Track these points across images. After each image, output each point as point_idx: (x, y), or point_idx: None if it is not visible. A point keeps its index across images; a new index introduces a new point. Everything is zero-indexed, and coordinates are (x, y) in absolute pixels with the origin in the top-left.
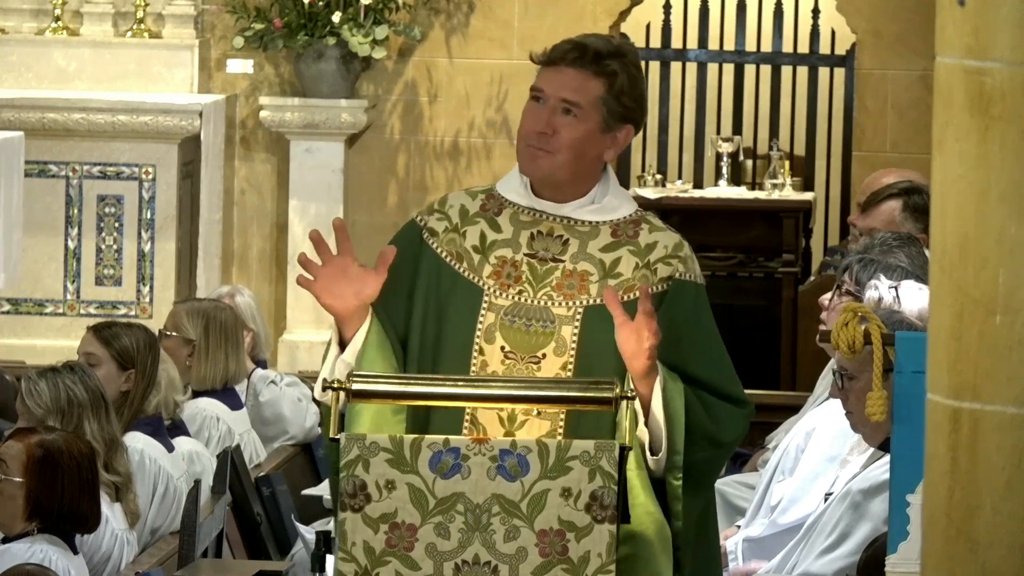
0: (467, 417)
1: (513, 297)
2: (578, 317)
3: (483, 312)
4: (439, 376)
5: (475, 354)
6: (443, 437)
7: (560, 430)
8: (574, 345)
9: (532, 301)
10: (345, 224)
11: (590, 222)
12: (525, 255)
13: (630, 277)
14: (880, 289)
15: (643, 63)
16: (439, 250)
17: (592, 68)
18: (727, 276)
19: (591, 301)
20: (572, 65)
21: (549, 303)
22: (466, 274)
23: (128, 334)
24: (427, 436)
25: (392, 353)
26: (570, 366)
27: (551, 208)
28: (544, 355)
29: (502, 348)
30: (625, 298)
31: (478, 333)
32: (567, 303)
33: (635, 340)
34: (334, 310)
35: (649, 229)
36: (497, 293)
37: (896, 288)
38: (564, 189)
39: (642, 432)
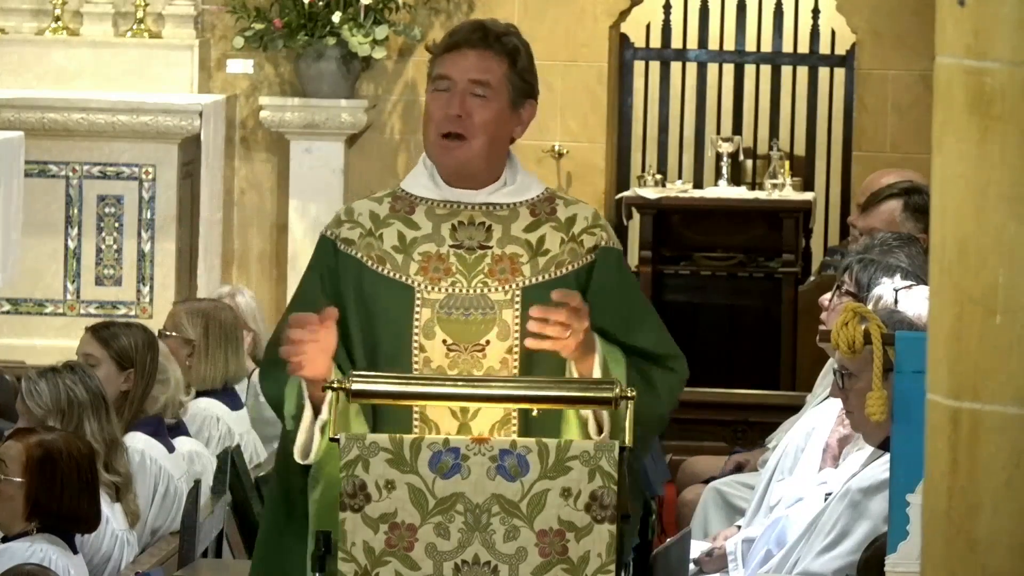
0: (416, 413)
1: (446, 289)
2: (517, 299)
3: (418, 309)
4: (438, 376)
5: (416, 351)
6: (443, 437)
7: (514, 418)
8: (517, 327)
9: (467, 290)
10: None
11: (508, 204)
12: (451, 247)
13: (559, 252)
14: (884, 287)
15: (643, 63)
16: (359, 255)
17: (495, 47)
18: (727, 276)
19: (527, 282)
20: (475, 47)
21: (485, 290)
22: (392, 275)
23: (127, 334)
24: (427, 436)
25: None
26: (515, 349)
27: (466, 196)
28: (488, 342)
29: (444, 341)
30: (557, 273)
31: (416, 330)
32: (503, 287)
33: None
34: (314, 379)
35: (564, 204)
36: (428, 288)
37: (897, 292)
38: (478, 176)
39: (585, 414)
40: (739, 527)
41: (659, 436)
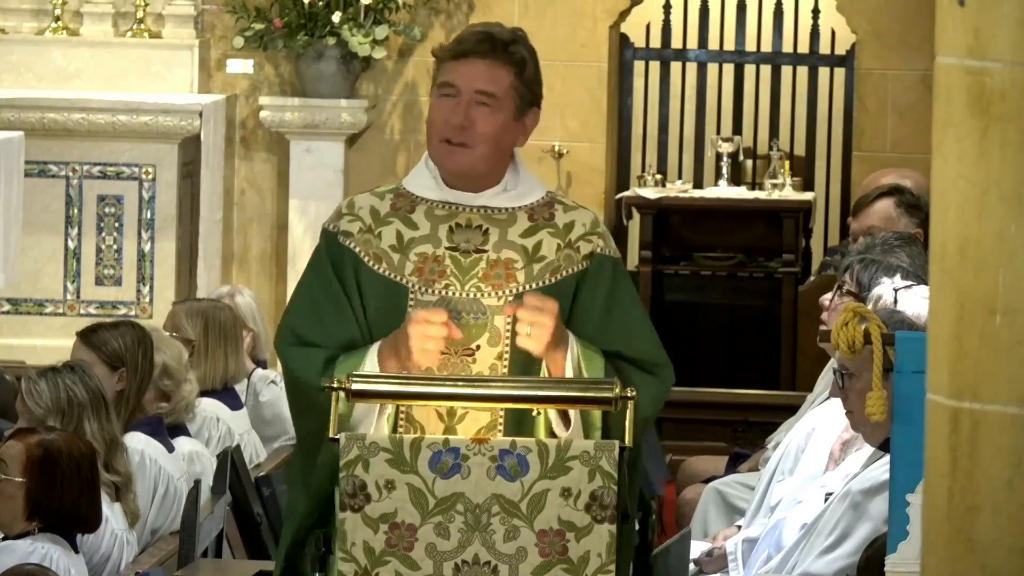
0: (401, 414)
1: (440, 292)
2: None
3: (410, 309)
4: (438, 376)
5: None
6: (443, 437)
7: (500, 422)
8: (508, 333)
9: (460, 294)
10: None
11: (506, 209)
12: (447, 249)
13: (554, 259)
14: (884, 287)
15: (643, 63)
16: (357, 249)
17: (502, 57)
18: (727, 276)
19: (520, 288)
20: (483, 56)
21: (478, 294)
22: (387, 274)
23: (115, 336)
24: (427, 436)
25: None
26: (505, 356)
27: (466, 199)
28: (478, 347)
29: None
30: (551, 280)
31: None
32: (496, 293)
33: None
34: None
35: (563, 209)
36: (422, 290)
37: (897, 291)
38: (479, 180)
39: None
40: (739, 527)
41: (658, 436)
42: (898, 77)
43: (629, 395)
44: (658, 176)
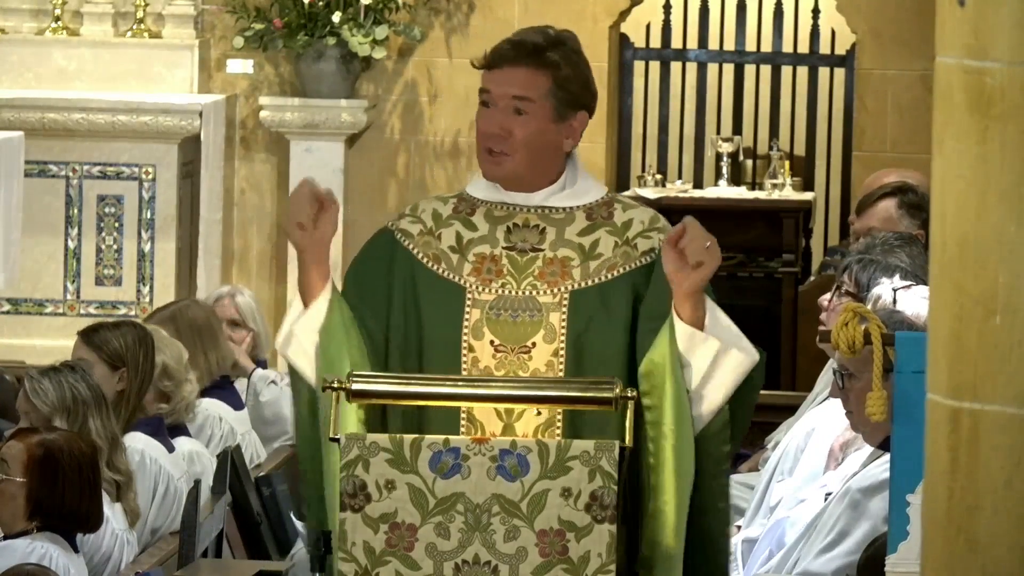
0: (463, 414)
1: (496, 291)
2: (564, 303)
3: (468, 309)
4: (438, 376)
5: (464, 351)
6: (443, 437)
7: (558, 418)
8: (563, 331)
9: (516, 292)
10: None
11: (564, 208)
12: (504, 248)
13: (611, 256)
14: (882, 287)
15: (643, 63)
16: (415, 251)
17: (534, 63)
18: (727, 276)
19: (575, 286)
20: (513, 64)
21: (534, 292)
22: (445, 274)
23: (116, 335)
24: (427, 436)
25: (360, 343)
26: (561, 352)
27: (523, 199)
28: (534, 344)
29: (491, 342)
30: (607, 276)
31: (465, 330)
32: (551, 290)
33: (677, 257)
34: (312, 263)
35: (623, 208)
36: (480, 289)
37: (896, 292)
38: (529, 181)
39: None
40: (739, 527)
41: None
42: (898, 77)
43: (629, 395)
44: (658, 176)
